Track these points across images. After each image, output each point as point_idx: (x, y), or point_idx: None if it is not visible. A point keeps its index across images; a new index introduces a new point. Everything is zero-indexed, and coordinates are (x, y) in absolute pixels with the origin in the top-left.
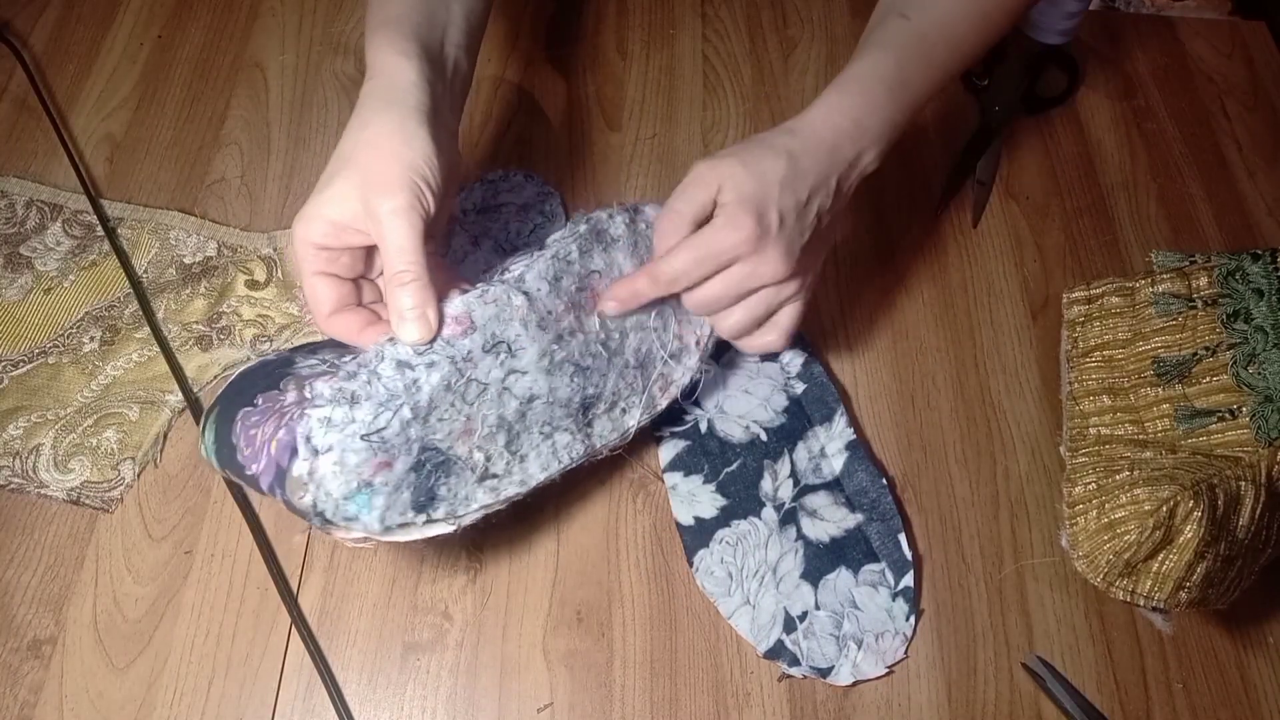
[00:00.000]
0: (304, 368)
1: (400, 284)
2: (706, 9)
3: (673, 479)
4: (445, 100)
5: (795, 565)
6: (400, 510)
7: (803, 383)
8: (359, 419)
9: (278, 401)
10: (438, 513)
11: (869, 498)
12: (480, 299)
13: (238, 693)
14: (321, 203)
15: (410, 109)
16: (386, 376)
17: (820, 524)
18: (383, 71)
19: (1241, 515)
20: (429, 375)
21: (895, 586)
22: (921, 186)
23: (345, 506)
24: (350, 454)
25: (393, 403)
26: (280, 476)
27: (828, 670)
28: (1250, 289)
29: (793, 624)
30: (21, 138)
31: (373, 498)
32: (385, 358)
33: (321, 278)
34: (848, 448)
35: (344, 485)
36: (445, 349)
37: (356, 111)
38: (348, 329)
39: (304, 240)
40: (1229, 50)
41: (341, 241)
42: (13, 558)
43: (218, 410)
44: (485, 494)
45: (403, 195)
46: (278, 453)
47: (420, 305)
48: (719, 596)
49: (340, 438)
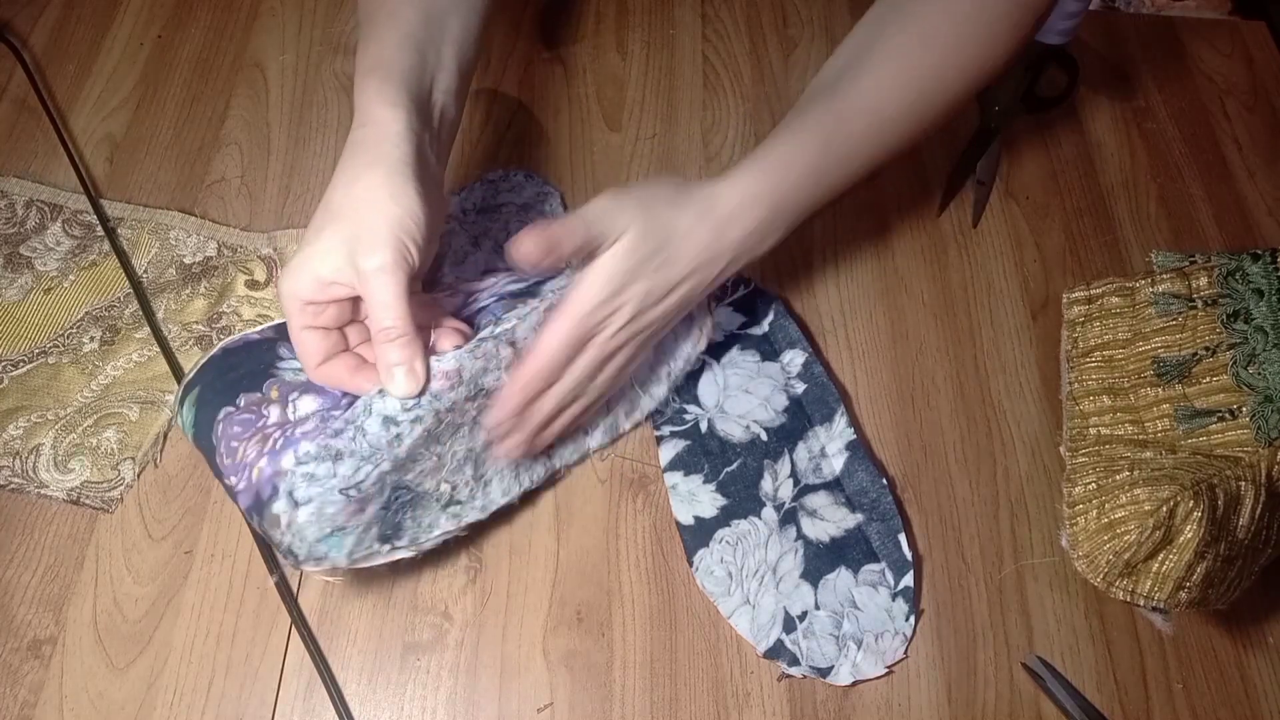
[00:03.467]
0: (288, 369)
1: (388, 339)
2: (706, 9)
3: (673, 478)
4: (432, 149)
5: (795, 565)
6: (367, 545)
7: (803, 382)
8: (340, 474)
9: (259, 414)
10: (402, 541)
11: (869, 498)
12: (471, 355)
13: (238, 693)
14: (307, 257)
15: (397, 162)
16: (372, 433)
17: (820, 524)
18: (371, 121)
19: (1241, 515)
20: (413, 430)
21: (895, 586)
22: (921, 186)
23: (317, 548)
24: (329, 505)
25: (375, 457)
26: (258, 505)
27: (827, 670)
28: (1250, 289)
29: (792, 624)
30: (21, 138)
31: (344, 539)
32: (372, 412)
33: (309, 331)
34: (848, 448)
35: (318, 532)
36: (431, 403)
37: (344, 162)
38: (338, 376)
39: (291, 295)
40: (1229, 50)
41: (328, 295)
42: (13, 558)
43: (198, 390)
44: (448, 520)
45: (389, 252)
46: (258, 481)
47: (408, 360)
48: (719, 596)
49: (320, 491)
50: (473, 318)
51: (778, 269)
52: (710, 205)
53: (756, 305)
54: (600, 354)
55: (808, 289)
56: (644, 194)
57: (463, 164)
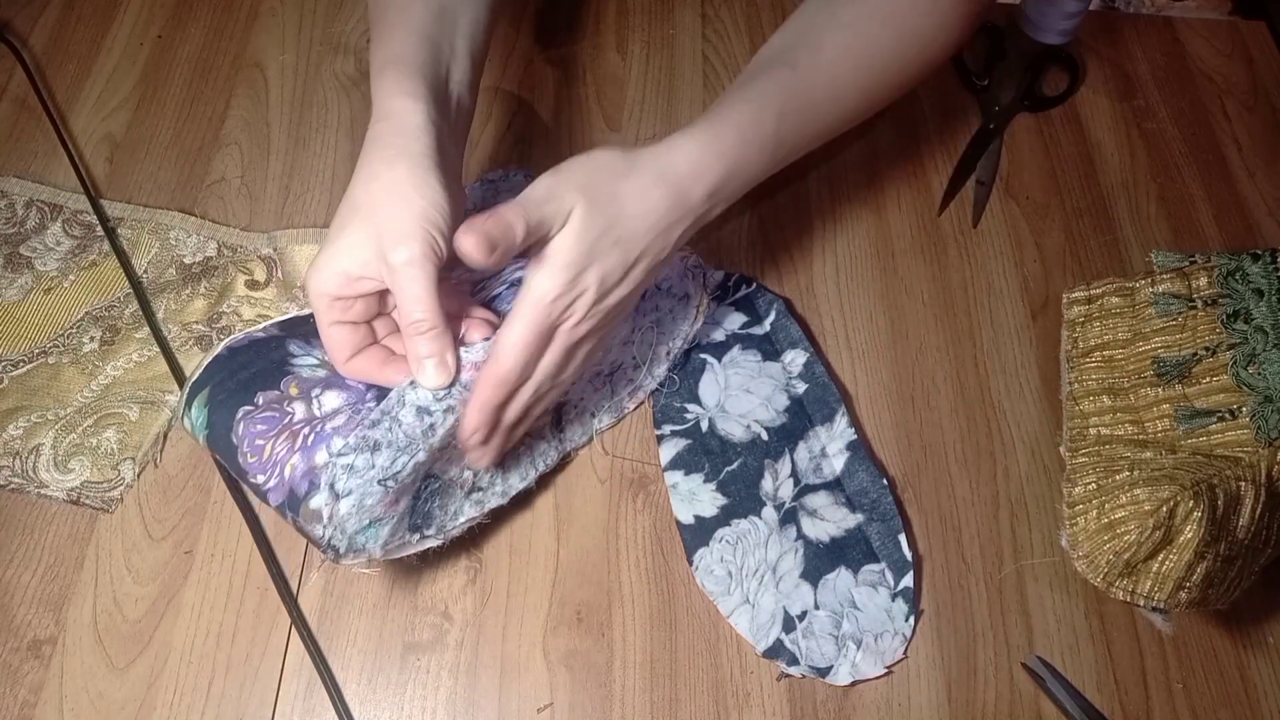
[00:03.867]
0: (303, 365)
1: (419, 332)
2: (706, 9)
3: (673, 477)
4: (450, 140)
5: (795, 565)
6: (400, 535)
7: (804, 382)
8: (378, 465)
9: (282, 411)
10: (430, 530)
11: (869, 498)
12: None
13: (238, 693)
14: (334, 254)
15: (419, 155)
16: (407, 423)
17: (820, 524)
18: (390, 114)
19: (1241, 515)
20: (445, 419)
21: (895, 587)
22: (922, 186)
23: (356, 540)
24: (368, 496)
25: (411, 448)
26: (293, 501)
27: (826, 670)
28: (1250, 289)
29: (792, 623)
30: (21, 138)
31: (380, 530)
32: (406, 403)
33: (338, 326)
34: (849, 448)
35: (358, 523)
36: (461, 393)
37: (365, 157)
38: (367, 369)
39: (319, 292)
40: (1229, 50)
41: (355, 290)
42: (13, 558)
43: (208, 391)
44: (472, 507)
45: (417, 245)
46: (293, 478)
47: (439, 352)
48: (719, 595)
49: (360, 482)
50: (487, 306)
51: (779, 269)
52: (663, 169)
53: (758, 305)
54: (566, 344)
55: (808, 289)
56: (586, 166)
57: (462, 164)
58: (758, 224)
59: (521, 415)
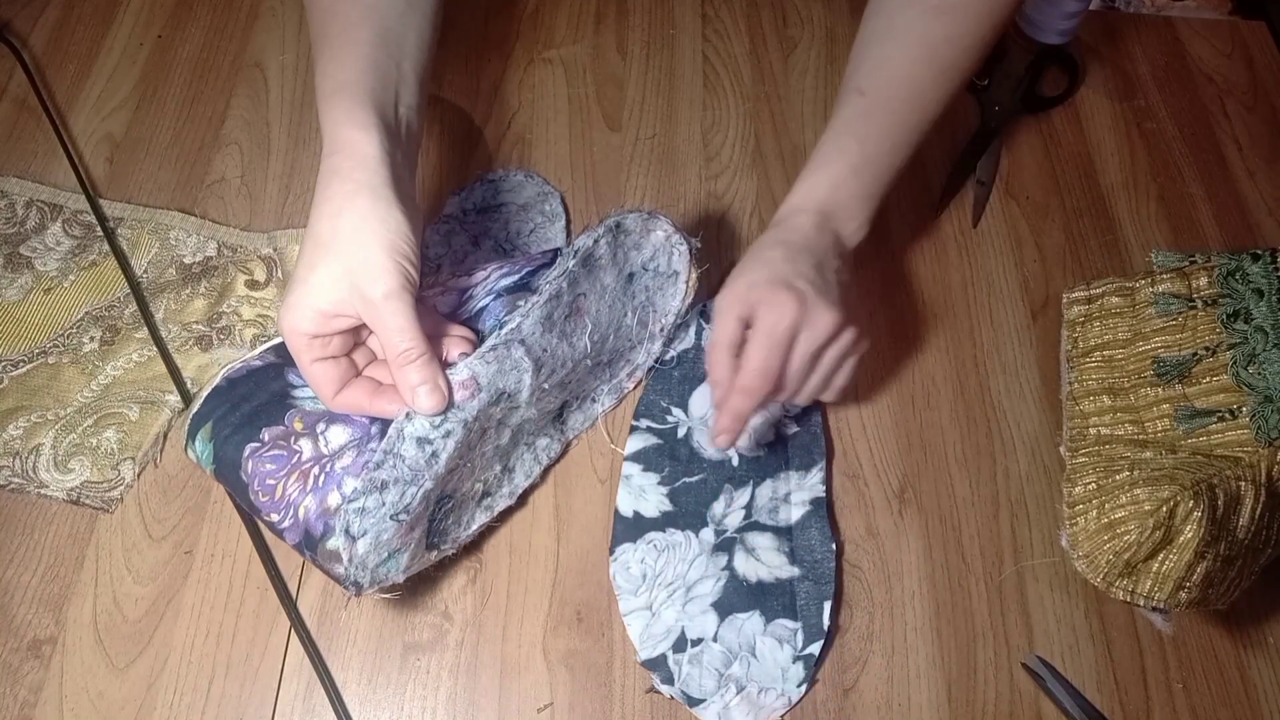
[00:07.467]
0: (305, 398)
1: (408, 361)
2: (706, 9)
3: (630, 469)
4: (404, 166)
5: (710, 593)
6: (419, 556)
7: (797, 425)
8: (389, 501)
9: (290, 450)
10: (446, 544)
11: (813, 556)
12: (482, 360)
13: (238, 693)
14: (306, 292)
15: (378, 186)
16: (410, 457)
17: (754, 563)
18: (343, 146)
19: (1241, 515)
20: (446, 444)
21: (800, 650)
22: (921, 186)
23: (378, 573)
24: (384, 533)
25: (417, 479)
26: (310, 541)
27: (697, 701)
28: (1250, 289)
29: (684, 645)
30: (21, 138)
31: (400, 557)
32: (405, 437)
33: (320, 363)
34: (812, 503)
35: (378, 558)
36: (457, 414)
37: (324, 192)
38: (358, 403)
39: (295, 332)
40: (1229, 50)
41: (331, 328)
42: (13, 558)
43: (211, 425)
44: (483, 514)
45: (393, 278)
46: (306, 519)
47: (430, 378)
48: (624, 593)
49: (374, 521)
50: (472, 319)
51: None
52: (775, 223)
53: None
54: (806, 352)
55: None
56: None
57: (462, 164)
58: (758, 225)
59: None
